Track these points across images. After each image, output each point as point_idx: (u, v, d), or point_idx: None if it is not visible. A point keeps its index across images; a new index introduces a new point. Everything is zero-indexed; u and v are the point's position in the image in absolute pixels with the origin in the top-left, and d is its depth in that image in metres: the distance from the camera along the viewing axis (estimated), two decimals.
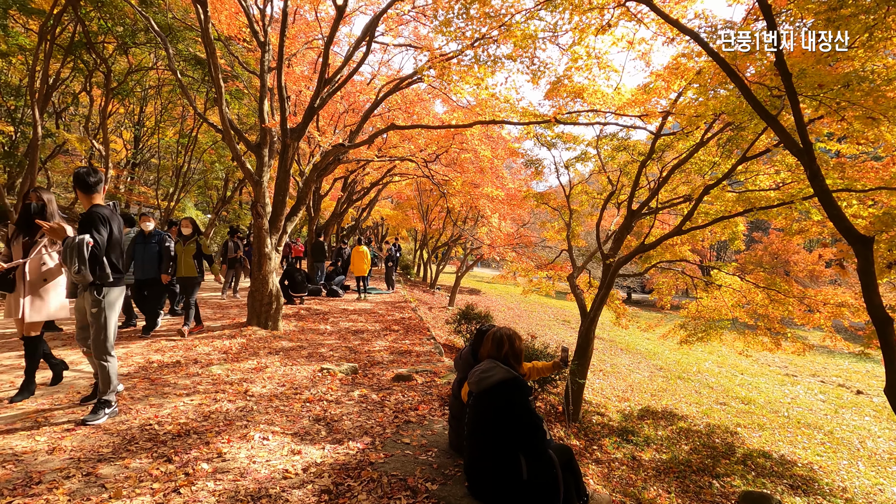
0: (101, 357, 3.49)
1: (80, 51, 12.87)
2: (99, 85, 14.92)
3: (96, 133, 15.91)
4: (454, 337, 12.94)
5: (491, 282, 39.35)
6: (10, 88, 14.37)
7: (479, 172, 13.83)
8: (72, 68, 14.28)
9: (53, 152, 16.19)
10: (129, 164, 21.64)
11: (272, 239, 7.41)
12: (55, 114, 16.78)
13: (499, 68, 6.73)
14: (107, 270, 3.38)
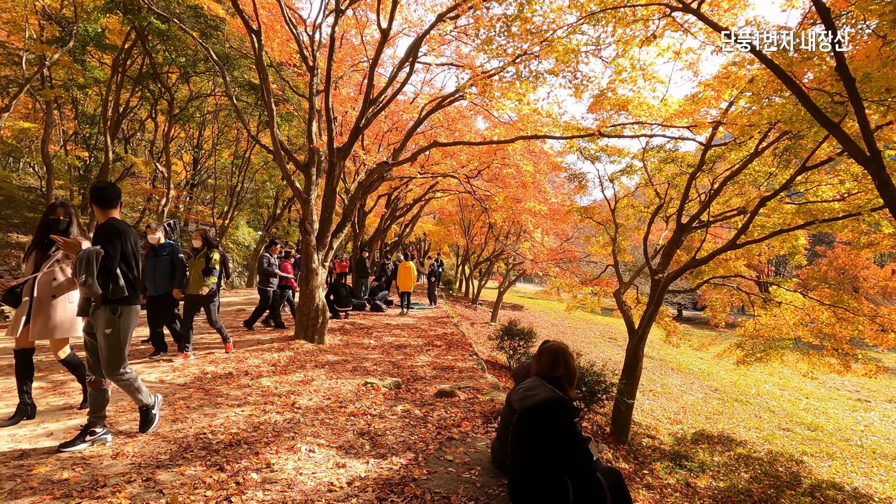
0: (117, 378, 3.34)
1: (147, 81, 13.91)
2: (163, 112, 16.03)
3: (160, 156, 17.04)
4: (497, 353, 12.80)
5: (534, 297, 38.82)
6: (86, 117, 15.65)
7: (521, 187, 13.78)
8: (139, 97, 15.41)
9: (122, 175, 17.43)
10: (189, 185, 22.96)
11: (319, 255, 7.63)
12: (124, 139, 18.12)
13: (540, 83, 6.73)
14: (120, 284, 3.21)
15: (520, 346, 11.36)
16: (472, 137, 11.74)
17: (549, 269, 16.05)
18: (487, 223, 19.94)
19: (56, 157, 14.95)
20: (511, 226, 21.92)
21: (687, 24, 5.56)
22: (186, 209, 22.45)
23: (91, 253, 3.08)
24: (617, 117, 7.51)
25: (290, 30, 8.04)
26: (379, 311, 12.88)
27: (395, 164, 8.31)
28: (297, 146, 18.45)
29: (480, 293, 27.23)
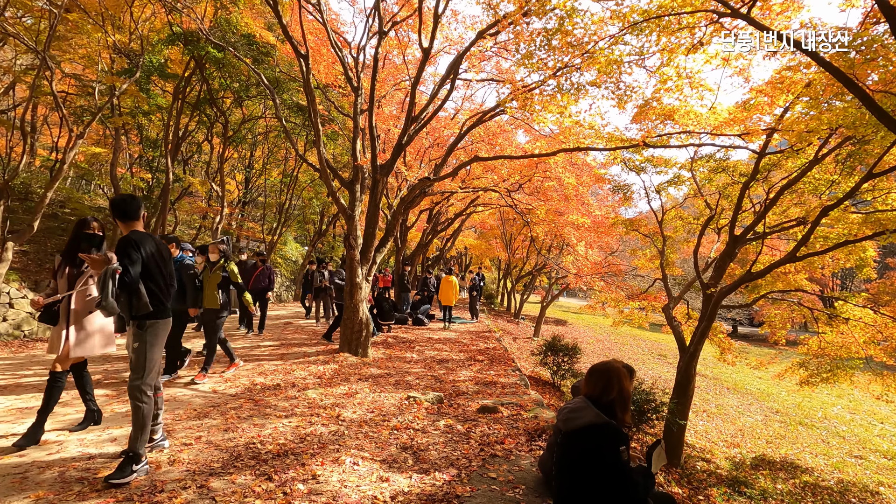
0: (138, 398, 3.14)
1: (204, 106, 14.79)
2: (218, 134, 16.97)
3: (215, 176, 17.99)
4: (540, 369, 12.56)
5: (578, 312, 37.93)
6: (150, 141, 16.76)
7: (563, 200, 13.60)
8: (197, 121, 16.38)
9: (180, 195, 18.48)
10: (241, 203, 24.07)
11: (363, 269, 7.79)
12: (183, 161, 19.25)
13: (582, 95, 6.67)
14: (144, 300, 3.09)
15: (564, 363, 11.11)
16: (512, 151, 11.74)
17: (594, 284, 15.67)
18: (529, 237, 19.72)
19: (123, 179, 16.07)
20: (553, 239, 21.60)
21: (736, 28, 5.38)
22: (238, 226, 23.50)
23: (108, 271, 2.99)
24: (663, 127, 7.32)
25: (335, 53, 8.36)
26: (421, 325, 12.95)
27: (437, 180, 8.41)
28: (342, 164, 19.03)
29: (523, 307, 26.88)
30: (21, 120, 15.99)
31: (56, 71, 11.46)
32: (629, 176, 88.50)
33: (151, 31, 13.03)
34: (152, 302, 3.17)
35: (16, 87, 16.56)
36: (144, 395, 3.15)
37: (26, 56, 15.39)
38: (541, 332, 21.44)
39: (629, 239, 19.82)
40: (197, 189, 19.09)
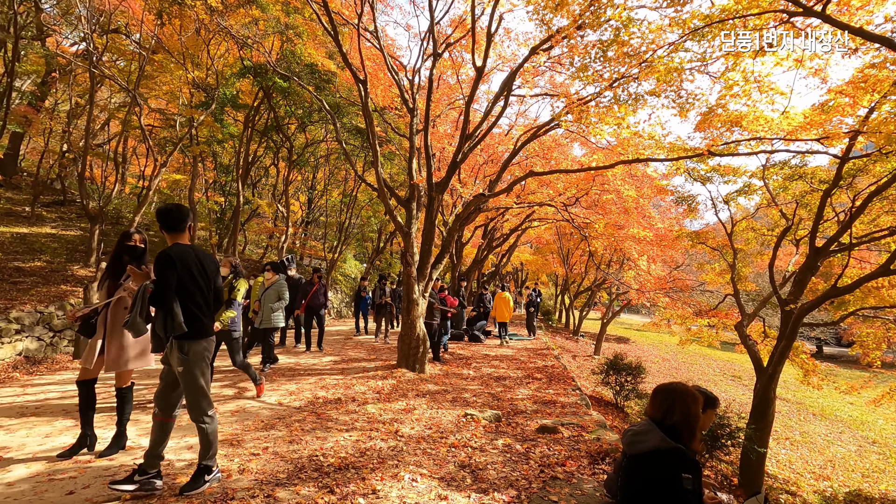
0: (198, 419, 3.08)
1: (271, 133, 15.75)
2: (283, 158, 17.99)
3: (280, 198, 19.01)
4: (602, 389, 12.10)
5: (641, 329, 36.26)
6: (223, 167, 18.03)
7: (623, 213, 13.17)
8: (265, 147, 17.46)
9: (250, 216, 19.67)
10: (304, 223, 25.22)
11: (420, 286, 7.89)
12: (252, 185, 20.53)
13: (641, 106, 6.48)
14: (178, 320, 2.90)
15: (627, 382, 10.64)
16: (568, 165, 11.57)
17: (658, 299, 14.96)
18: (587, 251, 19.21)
19: (199, 203, 17.33)
20: (613, 254, 20.93)
21: (810, 27, 5.05)
22: (302, 245, 24.60)
23: (142, 289, 2.91)
24: (729, 134, 6.95)
25: (392, 76, 8.66)
26: (477, 342, 12.88)
27: (492, 196, 8.43)
28: (399, 183, 19.52)
29: (582, 324, 26.09)
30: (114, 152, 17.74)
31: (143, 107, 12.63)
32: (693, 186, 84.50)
33: (225, 66, 14.12)
34: (188, 321, 2.98)
35: (110, 123, 18.41)
36: (206, 415, 3.08)
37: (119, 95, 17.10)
38: (601, 350, 20.69)
39: (695, 252, 18.82)
40: (264, 210, 20.24)
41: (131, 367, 3.74)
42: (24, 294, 9.89)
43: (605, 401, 11.78)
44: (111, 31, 13.02)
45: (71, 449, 3.64)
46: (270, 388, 6.32)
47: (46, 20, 15.39)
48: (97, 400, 3.82)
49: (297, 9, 12.34)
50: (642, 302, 16.28)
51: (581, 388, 8.16)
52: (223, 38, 12.97)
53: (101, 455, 3.69)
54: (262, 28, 12.04)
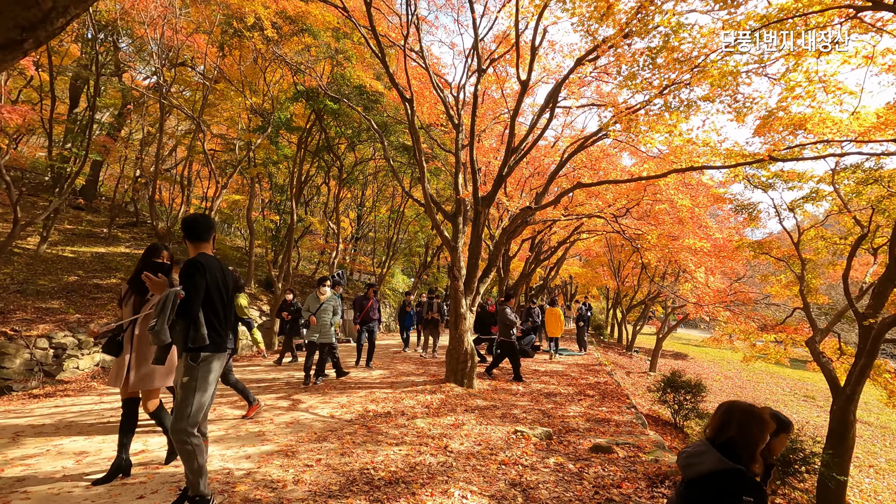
0: (179, 438, 2.81)
1: (322, 153, 16.39)
2: (334, 177, 18.64)
3: (331, 215, 19.66)
4: (659, 407, 11.56)
5: (700, 345, 34.43)
6: (278, 187, 18.90)
7: (677, 223, 12.66)
8: (316, 167, 18.17)
9: (303, 233, 20.44)
10: (354, 239, 25.92)
11: (467, 300, 7.89)
12: (305, 203, 21.38)
13: (693, 112, 6.27)
14: (202, 331, 2.83)
15: (686, 401, 10.12)
16: (617, 175, 11.29)
17: (718, 313, 14.18)
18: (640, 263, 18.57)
19: (256, 222, 18.21)
20: (668, 265, 20.09)
21: (880, 22, 4.73)
22: (352, 260, 25.26)
23: (170, 294, 2.81)
24: (792, 138, 6.57)
25: (437, 94, 8.82)
26: (526, 357, 12.67)
27: (539, 209, 8.35)
28: (445, 198, 19.74)
29: (636, 339, 25.10)
30: (180, 176, 19.01)
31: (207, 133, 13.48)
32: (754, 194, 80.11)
33: (280, 92, 14.88)
34: (210, 334, 2.91)
35: (177, 149, 19.78)
36: (191, 435, 2.84)
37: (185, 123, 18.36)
38: (657, 367, 19.79)
39: (758, 263, 17.76)
40: (316, 227, 20.99)
41: (157, 386, 3.61)
42: (101, 308, 10.67)
43: (662, 420, 11.23)
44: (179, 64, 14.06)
45: (105, 477, 3.48)
46: (322, 400, 6.47)
47: (123, 58, 16.85)
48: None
49: (346, 34, 12.87)
50: (701, 316, 15.48)
51: (636, 406, 7.83)
52: (278, 66, 13.71)
53: (166, 462, 3.87)
54: (313, 54, 12.64)
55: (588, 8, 6.09)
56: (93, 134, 14.72)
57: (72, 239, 14.56)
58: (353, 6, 9.34)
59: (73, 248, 13.78)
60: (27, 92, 15.82)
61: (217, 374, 3.01)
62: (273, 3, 11.57)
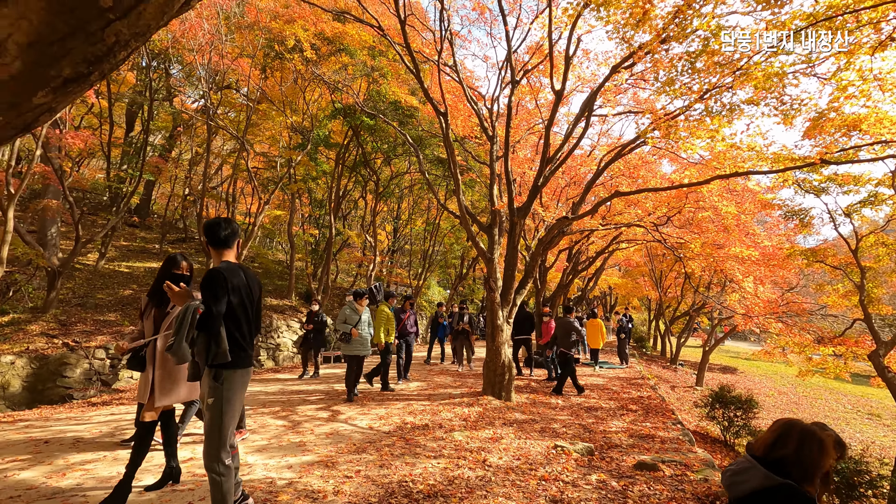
0: (212, 466, 2.64)
1: (359, 168, 16.77)
2: (370, 191, 19.02)
3: (368, 228, 20.01)
4: (707, 423, 11.06)
5: (750, 358, 32.79)
6: (317, 202, 19.43)
7: (721, 231, 12.19)
8: (354, 181, 18.60)
9: (341, 247, 20.90)
10: (390, 251, 26.26)
11: (503, 311, 7.83)
12: (343, 217, 21.87)
13: (737, 116, 6.06)
14: (223, 347, 2.61)
15: (737, 417, 9.64)
16: (657, 183, 11.01)
17: (769, 325, 13.49)
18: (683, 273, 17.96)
19: (296, 236, 18.74)
20: (713, 275, 19.32)
21: None
22: (388, 272, 25.57)
23: (188, 309, 2.62)
24: (846, 140, 6.24)
25: (471, 106, 8.89)
26: None
27: (575, 219, 8.23)
28: (480, 209, 19.76)
29: (680, 352, 24.18)
30: (226, 193, 19.83)
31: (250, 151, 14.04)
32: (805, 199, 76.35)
33: (319, 110, 15.38)
34: (232, 349, 2.68)
35: (223, 168, 20.68)
36: (222, 464, 2.65)
37: (230, 142, 19.20)
38: (704, 381, 18.97)
39: (812, 272, 16.86)
40: (354, 241, 21.41)
41: (184, 399, 3.55)
42: None
43: (711, 437, 10.73)
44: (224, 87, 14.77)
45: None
46: (361, 411, 6.53)
47: (174, 83, 17.86)
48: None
49: (382, 51, 13.21)
50: (750, 328, 14.78)
51: (682, 422, 7.52)
52: (317, 85, 14.18)
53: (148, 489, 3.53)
54: (350, 72, 13.03)
55: (623, 15, 6.02)
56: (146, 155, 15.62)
57: (127, 255, 15.41)
58: (388, 25, 9.59)
59: (128, 264, 14.57)
60: (88, 118, 16.96)
61: (243, 391, 2.81)
62: (312, 26, 12.02)
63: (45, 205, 11.54)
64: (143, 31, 1.17)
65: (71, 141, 10.59)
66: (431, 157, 15.96)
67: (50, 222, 12.02)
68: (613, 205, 12.95)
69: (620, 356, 14.62)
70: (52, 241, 11.84)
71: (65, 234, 14.45)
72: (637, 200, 11.87)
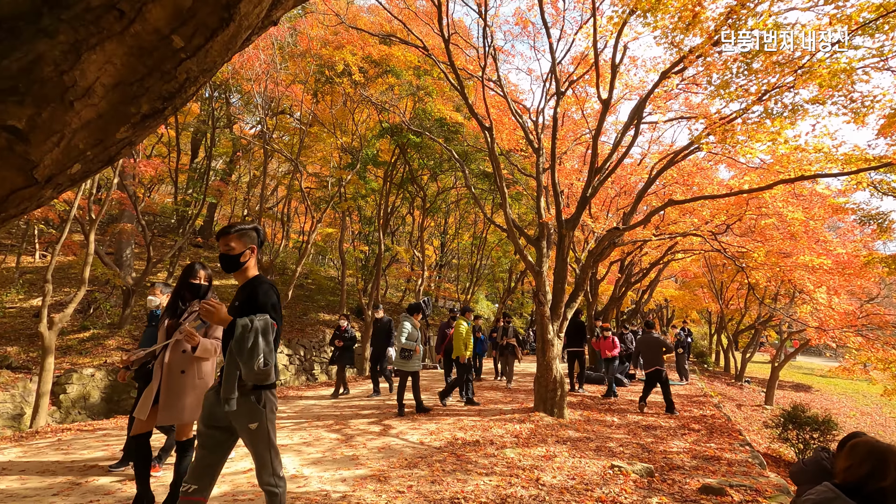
0: (268, 482, 2.48)
1: (407, 185, 17.11)
2: (418, 207, 19.34)
3: (416, 243, 20.30)
4: (779, 445, 10.30)
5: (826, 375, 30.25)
6: (366, 219, 19.94)
7: (788, 239, 11.45)
8: (401, 198, 18.97)
9: (390, 262, 21.29)
10: (438, 266, 26.47)
11: (554, 325, 7.67)
12: (391, 233, 22.31)
13: (800, 116, 5.72)
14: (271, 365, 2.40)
15: (813, 440, 8.91)
16: (714, 190, 10.54)
17: (847, 339, 12.44)
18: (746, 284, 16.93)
19: (347, 252, 19.29)
20: (780, 285, 18.14)
21: None
22: (436, 287, 25.74)
23: (267, 323, 2.35)
24: None
25: (516, 119, 8.90)
26: (620, 386, 11.95)
27: (627, 229, 8.00)
28: (527, 222, 19.60)
29: (745, 368, 22.70)
30: (281, 213, 20.74)
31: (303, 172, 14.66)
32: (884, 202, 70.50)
33: (367, 130, 15.88)
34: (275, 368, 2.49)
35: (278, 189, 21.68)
36: (278, 477, 2.50)
37: (284, 165, 20.13)
38: (774, 399, 17.70)
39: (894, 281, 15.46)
40: (402, 256, 21.74)
41: (188, 420, 3.22)
42: None
43: (784, 461, 9.96)
44: (279, 112, 15.55)
45: None
46: (412, 426, 6.56)
47: (233, 111, 19.01)
48: None
49: (427, 70, 13.51)
50: (825, 342, 13.69)
51: (751, 443, 7.04)
52: (365, 106, 14.67)
53: None
54: (396, 92, 13.39)
55: (671, 19, 5.87)
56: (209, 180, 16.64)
57: None
58: (432, 45, 9.81)
59: None
60: (158, 147, 18.33)
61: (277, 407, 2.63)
62: (360, 50, 12.49)
63: (122, 228, 12.52)
64: (209, 67, 1.26)
65: (143, 169, 11.47)
66: (477, 171, 16.05)
67: (125, 244, 13.00)
68: (667, 214, 12.47)
69: (679, 372, 13.94)
70: (127, 262, 12.79)
71: (138, 254, 15.56)
72: (693, 209, 11.37)
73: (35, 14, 1.04)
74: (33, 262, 15.53)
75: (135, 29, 1.07)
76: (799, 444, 9.11)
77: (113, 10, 1.04)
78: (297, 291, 16.48)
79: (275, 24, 1.59)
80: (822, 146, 6.55)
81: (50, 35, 1.02)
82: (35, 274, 14.10)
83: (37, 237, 15.63)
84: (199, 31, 1.15)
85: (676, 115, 10.74)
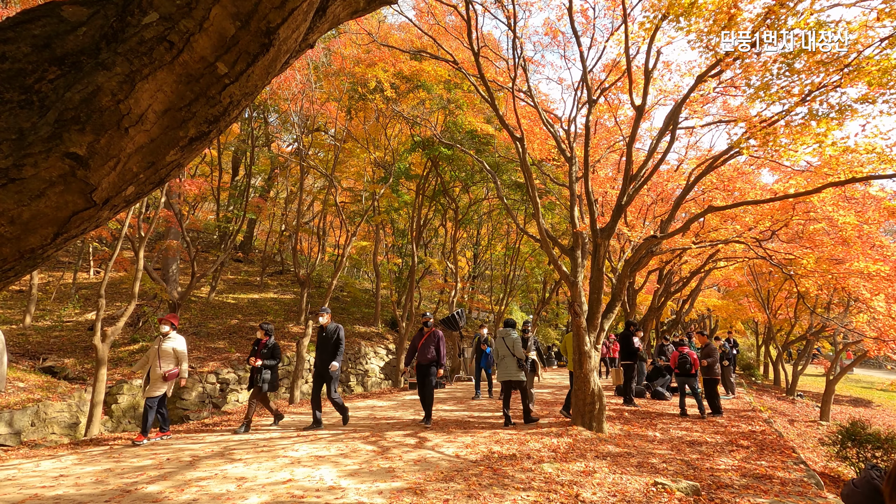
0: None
1: (439, 197, 17.24)
2: (450, 219, 19.42)
3: (449, 255, 20.35)
4: (837, 464, 9.68)
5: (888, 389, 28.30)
6: (399, 232, 20.17)
7: (840, 244, 10.86)
8: (434, 210, 19.11)
9: (423, 274, 21.40)
10: (471, 277, 26.42)
11: (591, 336, 7.51)
12: (424, 245, 22.46)
13: (849, 117, 5.46)
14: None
15: (876, 459, 8.34)
16: (756, 195, 10.14)
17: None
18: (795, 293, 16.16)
19: (381, 265, 19.53)
20: (832, 294, 17.20)
21: None
22: (470, 298, 25.66)
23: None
24: None
25: (547, 129, 8.86)
26: (661, 399, 11.54)
27: (665, 237, 7.79)
28: (561, 232, 19.37)
29: (797, 381, 21.51)
30: (317, 227, 21.24)
31: (338, 187, 15.00)
32: None
33: (399, 144, 16.15)
34: None
35: (314, 204, 22.23)
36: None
37: (320, 180, 20.65)
38: (830, 415, 16.67)
39: None
40: (435, 268, 21.84)
41: None
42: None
43: (843, 481, 9.34)
44: (314, 130, 16.02)
45: None
46: (447, 438, 6.53)
47: (271, 130, 19.71)
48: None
49: (457, 84, 13.64)
50: (885, 354, 12.83)
51: (806, 461, 6.65)
52: (397, 121, 14.94)
53: None
54: (427, 107, 13.58)
55: (706, 22, 5.74)
56: (249, 196, 17.24)
57: (233, 287, 16.94)
58: (462, 59, 9.92)
59: (234, 296, 16.00)
60: (201, 167, 19.18)
61: None
62: (391, 67, 12.76)
63: (168, 245, 13.11)
64: (251, 90, 1.33)
65: (188, 188, 12.01)
66: (509, 182, 16.01)
67: (171, 260, 13.59)
68: (707, 221, 12.08)
69: (725, 385, 13.33)
70: (173, 277, 13.36)
71: (182, 270, 16.23)
72: (735, 215, 10.98)
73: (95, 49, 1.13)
74: (88, 277, 16.44)
75: (183, 58, 1.14)
76: (860, 463, 8.54)
77: (164, 42, 1.11)
78: (332, 304, 16.80)
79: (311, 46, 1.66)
80: (874, 146, 6.22)
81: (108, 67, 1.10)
82: (89, 289, 14.92)
83: (91, 254, 16.56)
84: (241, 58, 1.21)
85: (714, 119, 10.45)
